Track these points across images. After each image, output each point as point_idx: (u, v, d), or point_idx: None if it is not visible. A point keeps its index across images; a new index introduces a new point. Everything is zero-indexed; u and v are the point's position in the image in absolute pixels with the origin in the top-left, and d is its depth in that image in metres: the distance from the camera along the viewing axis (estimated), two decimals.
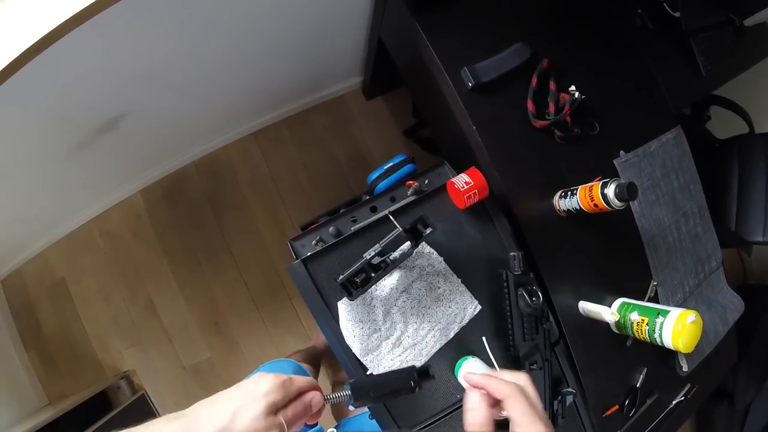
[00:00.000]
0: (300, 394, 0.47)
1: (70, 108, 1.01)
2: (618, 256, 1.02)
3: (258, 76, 1.28)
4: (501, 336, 0.79)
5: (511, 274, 0.75)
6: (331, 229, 0.83)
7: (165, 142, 1.41)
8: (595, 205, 0.84)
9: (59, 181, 1.28)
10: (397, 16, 1.02)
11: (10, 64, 0.68)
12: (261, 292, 1.50)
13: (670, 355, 1.11)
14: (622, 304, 0.97)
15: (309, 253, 0.75)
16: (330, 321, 0.75)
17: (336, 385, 1.02)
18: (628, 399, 1.05)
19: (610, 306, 0.99)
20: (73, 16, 0.67)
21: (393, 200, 0.85)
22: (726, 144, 1.52)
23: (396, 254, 0.70)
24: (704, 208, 1.17)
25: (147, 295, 1.51)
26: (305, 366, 1.05)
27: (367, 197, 0.91)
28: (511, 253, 0.76)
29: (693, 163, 1.16)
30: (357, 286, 0.68)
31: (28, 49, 0.68)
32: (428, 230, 0.68)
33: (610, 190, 0.81)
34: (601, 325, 0.98)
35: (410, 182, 0.84)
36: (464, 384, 0.75)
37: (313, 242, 0.81)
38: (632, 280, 1.05)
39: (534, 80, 0.94)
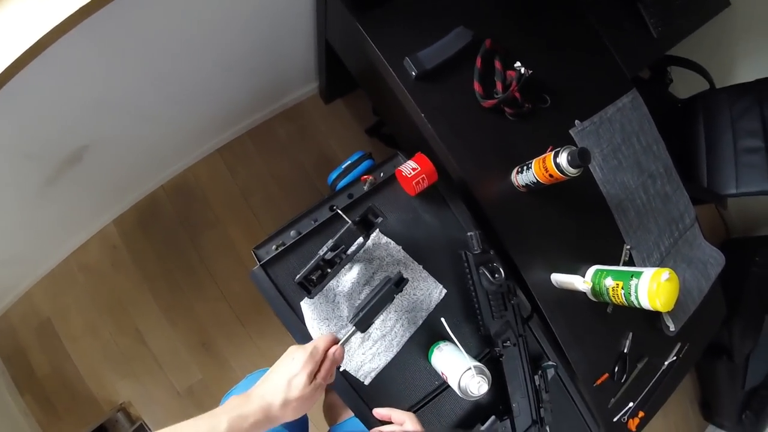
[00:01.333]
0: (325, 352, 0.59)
1: (32, 144, 1.00)
2: (587, 224, 1.03)
3: (215, 92, 1.28)
4: (471, 317, 0.79)
5: (471, 254, 0.75)
6: (292, 232, 0.83)
7: (131, 169, 1.41)
8: (551, 175, 0.84)
9: (33, 219, 1.27)
10: (338, 17, 1.03)
11: None
12: (244, 307, 1.50)
13: (655, 316, 1.10)
14: (596, 272, 0.97)
15: (267, 257, 0.75)
16: (296, 323, 0.75)
17: (331, 409, 1.04)
18: (617, 366, 1.05)
19: (583, 274, 0.99)
20: (26, 51, 0.67)
21: (350, 197, 0.85)
22: (689, 103, 1.52)
23: (352, 248, 0.70)
24: (671, 168, 1.17)
25: (133, 325, 1.50)
26: None
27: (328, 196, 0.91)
28: (468, 233, 0.76)
29: (653, 124, 1.16)
30: (314, 283, 0.68)
31: None
32: (378, 219, 0.68)
33: (563, 158, 0.81)
34: (578, 295, 0.98)
35: (365, 177, 0.85)
36: (438, 369, 0.75)
37: (274, 247, 0.81)
38: (605, 246, 1.05)
39: (478, 61, 0.95)
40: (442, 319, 0.70)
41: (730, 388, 1.88)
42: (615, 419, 1.06)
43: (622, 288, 0.89)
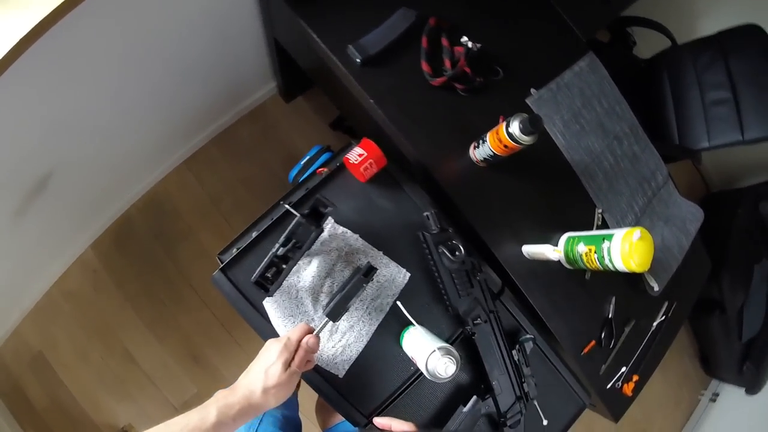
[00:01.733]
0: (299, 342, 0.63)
1: None
2: (555, 193, 1.01)
3: (172, 102, 1.27)
4: (439, 298, 0.78)
5: (428, 234, 0.74)
6: (254, 233, 0.82)
7: (101, 191, 1.40)
8: (505, 146, 0.83)
9: (9, 251, 1.26)
10: (281, 14, 1.02)
11: None
12: (228, 314, 1.48)
13: (637, 278, 1.09)
14: (568, 239, 0.95)
15: (226, 261, 0.74)
16: (262, 323, 0.73)
17: (322, 411, 1.05)
18: (604, 332, 1.03)
19: (557, 243, 0.97)
20: None
21: (307, 190, 0.83)
22: (652, 62, 1.51)
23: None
24: (636, 127, 1.16)
25: (122, 346, 1.50)
26: None
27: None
28: (425, 213, 0.74)
29: (614, 85, 1.14)
30: (271, 281, 0.69)
31: None
32: (327, 209, 0.67)
33: (515, 127, 0.80)
34: (553, 266, 0.97)
35: (320, 169, 0.83)
36: (409, 355, 0.73)
37: (234, 250, 0.79)
38: (576, 213, 1.04)
39: (424, 41, 0.93)
40: (398, 303, 0.69)
41: (727, 342, 1.87)
42: (608, 386, 1.05)
43: (595, 252, 0.88)
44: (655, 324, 1.13)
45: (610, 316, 1.04)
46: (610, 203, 1.07)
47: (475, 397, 0.76)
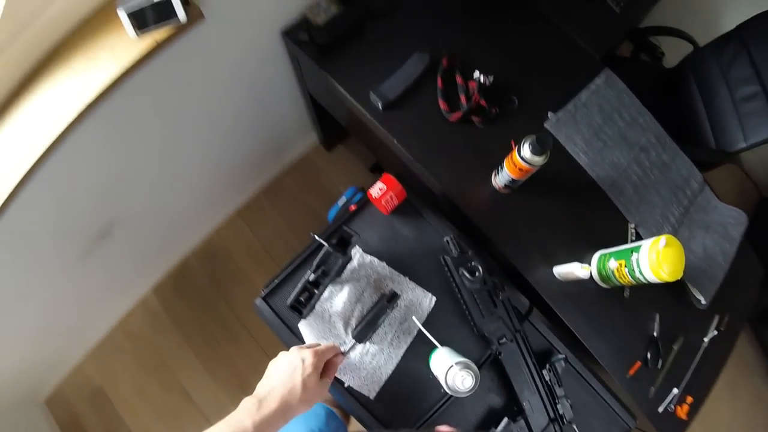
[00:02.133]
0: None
1: (64, 222, 1.13)
2: (584, 212, 1.02)
3: (222, 159, 1.42)
4: (464, 320, 0.81)
5: (449, 257, 0.78)
6: (291, 267, 0.89)
7: (160, 239, 1.55)
8: (520, 169, 0.86)
9: (78, 290, 1.40)
10: (310, 70, 1.13)
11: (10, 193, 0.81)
12: (278, 352, 1.55)
13: (681, 291, 1.05)
14: (600, 257, 0.95)
15: (267, 290, 0.82)
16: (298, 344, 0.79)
17: None
18: (650, 351, 0.99)
19: (590, 262, 0.97)
20: (49, 146, 0.80)
21: (337, 224, 0.90)
22: (677, 69, 1.49)
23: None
24: (663, 135, 1.15)
25: (178, 383, 1.60)
26: (336, 410, 1.08)
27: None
28: (444, 238, 0.79)
29: (634, 97, 1.15)
30: (303, 304, 0.76)
31: (23, 177, 0.80)
32: (352, 238, 0.75)
33: (526, 150, 0.83)
34: (587, 285, 0.96)
35: (352, 207, 0.90)
36: (435, 374, 0.76)
37: (275, 281, 0.87)
38: (609, 230, 1.04)
39: (439, 81, 1.00)
40: (421, 326, 0.73)
41: None
42: (660, 409, 1.00)
43: (626, 266, 0.87)
44: (706, 340, 1.07)
45: (655, 334, 1.00)
46: (643, 216, 1.05)
47: (506, 419, 0.76)
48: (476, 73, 0.99)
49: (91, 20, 0.88)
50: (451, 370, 0.66)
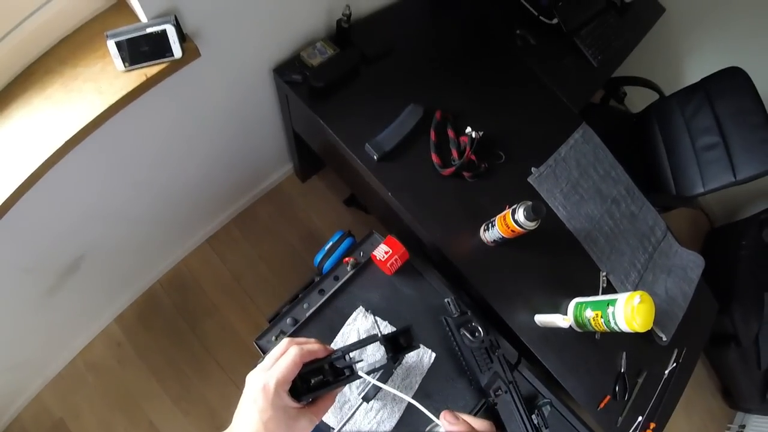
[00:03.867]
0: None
1: (30, 260, 1.10)
2: (561, 262, 1.13)
3: (197, 190, 1.41)
4: (462, 374, 0.89)
5: (450, 318, 0.86)
6: (288, 320, 0.94)
7: (127, 269, 1.52)
8: (512, 231, 0.95)
9: (38, 325, 1.36)
10: (300, 111, 1.16)
11: None
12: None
13: (645, 332, 1.19)
14: (576, 305, 1.06)
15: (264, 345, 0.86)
16: None
17: None
18: (618, 385, 1.13)
19: (566, 309, 1.09)
20: (23, 182, 0.76)
21: (336, 279, 0.96)
22: (642, 115, 1.64)
23: (364, 365, 0.65)
24: (632, 187, 1.29)
25: (146, 418, 1.58)
26: None
27: (317, 279, 1.02)
28: (445, 300, 0.86)
29: (608, 151, 1.28)
30: (308, 388, 0.54)
31: None
32: (412, 346, 0.64)
33: (520, 215, 0.92)
34: (564, 330, 1.06)
35: (347, 259, 0.95)
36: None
37: (274, 338, 0.91)
38: (583, 278, 1.15)
39: (432, 134, 1.07)
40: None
41: (747, 372, 1.94)
42: None
43: (602, 317, 0.99)
44: (666, 372, 1.22)
45: (622, 370, 1.14)
46: (613, 265, 1.18)
47: None
48: (468, 129, 1.07)
49: (69, 40, 0.84)
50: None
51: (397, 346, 0.65)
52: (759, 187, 2.06)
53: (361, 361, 0.62)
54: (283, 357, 0.52)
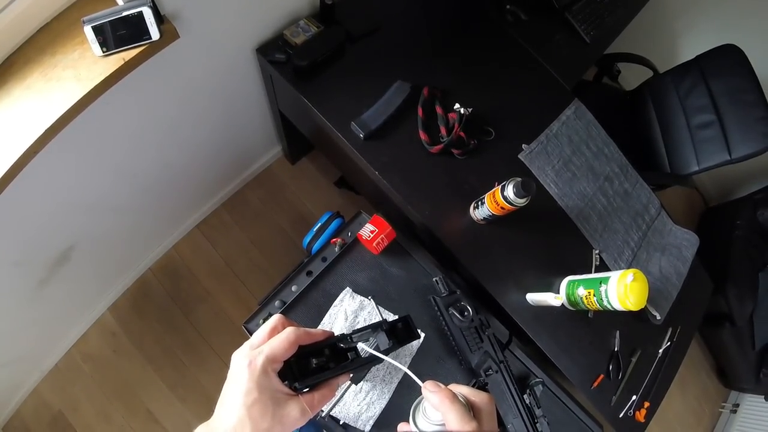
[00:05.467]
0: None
1: (20, 253, 1.10)
2: (553, 240, 1.12)
3: (185, 175, 1.39)
4: (451, 354, 0.89)
5: (439, 298, 0.85)
6: (276, 302, 0.93)
7: (118, 258, 1.52)
8: (502, 208, 0.94)
9: (31, 319, 1.36)
10: (285, 91, 1.14)
11: None
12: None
13: (639, 310, 1.19)
14: (569, 283, 1.06)
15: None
16: None
17: None
18: (611, 364, 1.13)
19: (558, 287, 1.08)
20: (5, 173, 0.75)
21: (324, 260, 0.94)
22: (636, 93, 1.63)
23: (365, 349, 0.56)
24: (626, 165, 1.28)
25: (144, 406, 1.59)
26: None
27: (306, 260, 1.01)
28: (434, 279, 0.86)
29: (601, 128, 1.27)
30: (305, 373, 0.48)
31: None
32: (413, 338, 0.61)
33: (510, 192, 0.91)
34: (557, 309, 1.06)
35: (335, 240, 0.94)
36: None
37: (262, 320, 0.90)
38: (575, 256, 1.15)
39: (420, 111, 1.06)
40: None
41: (741, 352, 1.96)
42: (621, 415, 1.14)
43: (594, 295, 0.98)
44: (660, 351, 1.23)
45: (616, 349, 1.14)
46: (606, 243, 1.18)
47: None
48: (456, 105, 1.05)
49: (47, 28, 0.83)
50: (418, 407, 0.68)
51: (398, 335, 0.62)
52: (754, 167, 2.06)
53: (368, 341, 0.57)
54: (277, 335, 0.46)
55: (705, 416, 2.17)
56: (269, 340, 0.45)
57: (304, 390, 0.47)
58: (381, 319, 0.71)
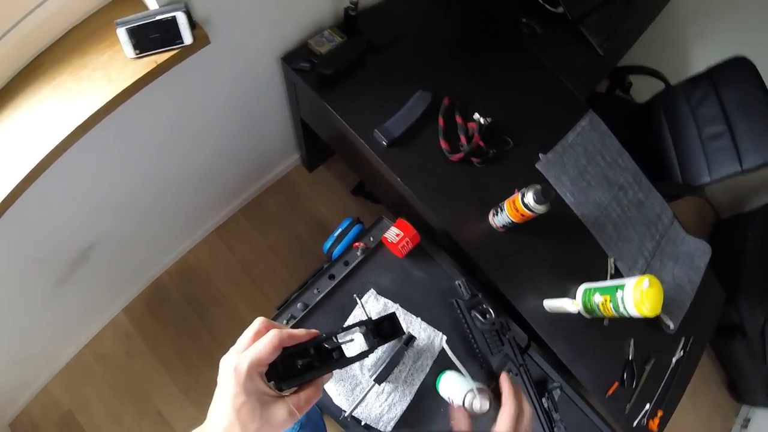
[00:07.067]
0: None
1: (41, 250, 1.13)
2: (569, 247, 1.16)
3: (206, 180, 1.44)
4: (473, 355, 0.92)
5: (461, 301, 0.88)
6: (299, 305, 0.96)
7: (136, 259, 1.55)
8: (522, 215, 0.98)
9: (47, 318, 1.39)
10: (308, 99, 1.19)
11: None
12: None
13: (653, 319, 1.21)
14: (585, 290, 1.09)
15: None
16: None
17: None
18: (626, 372, 1.16)
19: (575, 295, 1.11)
20: (32, 169, 0.77)
21: (347, 264, 0.98)
22: (649, 105, 1.67)
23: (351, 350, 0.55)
24: (639, 175, 1.31)
25: (155, 408, 1.60)
26: None
27: (326, 265, 1.05)
28: (456, 282, 0.89)
29: (615, 138, 1.31)
30: (290, 374, 0.49)
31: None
32: (399, 336, 0.62)
33: (529, 199, 0.95)
34: (573, 315, 1.10)
35: (357, 244, 0.98)
36: (446, 396, 0.86)
37: (285, 321, 0.93)
38: (591, 263, 1.18)
39: (440, 120, 1.10)
40: (445, 346, 0.70)
41: (753, 365, 1.97)
42: (634, 423, 1.16)
43: (611, 302, 1.01)
44: (674, 360, 1.25)
45: (630, 357, 1.17)
46: (621, 251, 1.21)
47: None
48: (476, 115, 1.10)
49: (75, 31, 0.85)
50: (470, 394, 0.75)
51: (382, 332, 0.62)
52: (766, 178, 2.10)
53: (352, 341, 0.57)
54: (261, 339, 0.48)
55: (716, 430, 2.17)
56: (253, 344, 0.47)
57: (291, 391, 0.49)
58: (367, 317, 0.72)
